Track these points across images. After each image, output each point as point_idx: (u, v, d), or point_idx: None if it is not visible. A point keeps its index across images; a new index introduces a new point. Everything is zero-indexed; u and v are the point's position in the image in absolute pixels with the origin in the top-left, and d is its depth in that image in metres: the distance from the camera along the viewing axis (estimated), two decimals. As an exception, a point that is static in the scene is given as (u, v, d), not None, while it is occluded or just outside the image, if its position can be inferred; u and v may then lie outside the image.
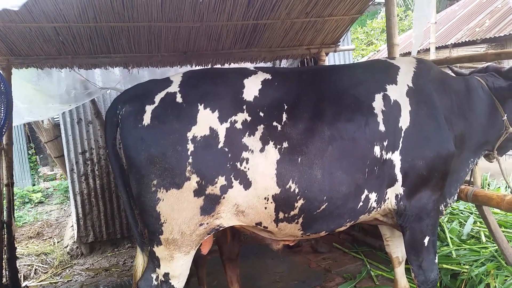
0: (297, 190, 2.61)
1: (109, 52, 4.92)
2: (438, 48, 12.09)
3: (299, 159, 2.60)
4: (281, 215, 2.68)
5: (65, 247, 6.72)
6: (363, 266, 4.68)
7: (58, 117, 6.73)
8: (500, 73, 3.49)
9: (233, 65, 5.80)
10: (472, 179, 3.78)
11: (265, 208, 2.64)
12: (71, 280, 5.61)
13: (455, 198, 3.41)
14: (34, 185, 13.04)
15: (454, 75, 3.67)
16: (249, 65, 5.86)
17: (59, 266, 6.15)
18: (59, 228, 8.38)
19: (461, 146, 3.19)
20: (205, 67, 5.61)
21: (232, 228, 3.39)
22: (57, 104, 5.63)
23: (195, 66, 5.52)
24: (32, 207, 10.60)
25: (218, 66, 5.72)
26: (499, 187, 5.28)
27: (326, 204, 2.69)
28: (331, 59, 7.65)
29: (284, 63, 6.59)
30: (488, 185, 5.40)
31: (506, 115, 3.34)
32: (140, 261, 2.91)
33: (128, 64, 5.17)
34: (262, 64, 6.13)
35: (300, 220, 2.72)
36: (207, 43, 5.23)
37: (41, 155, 15.62)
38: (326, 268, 4.86)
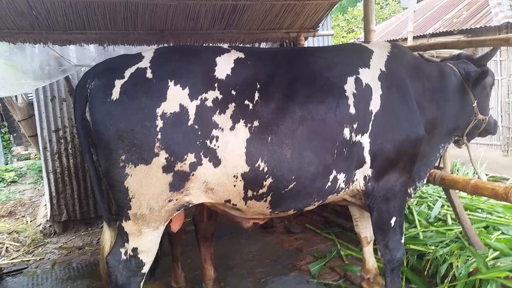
0: (266, 169, 2.64)
1: (84, 28, 4.82)
2: (416, 37, 12.27)
3: (269, 138, 2.62)
4: (250, 193, 2.71)
5: (38, 226, 6.64)
6: (333, 246, 4.78)
7: (31, 95, 6.58)
8: (471, 60, 3.58)
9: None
10: (442, 164, 3.89)
11: (234, 186, 2.67)
12: (43, 258, 5.56)
13: (424, 182, 3.50)
14: (7, 164, 12.77)
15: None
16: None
17: (32, 245, 6.09)
18: (32, 207, 8.25)
19: (432, 131, 3.27)
20: (183, 47, 5.56)
21: (207, 207, 3.45)
22: (30, 80, 5.51)
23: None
24: (4, 186, 10.40)
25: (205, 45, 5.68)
26: (467, 173, 5.45)
27: (295, 183, 2.73)
28: (310, 44, 7.66)
29: (263, 46, 6.59)
30: (457, 170, 5.57)
31: (476, 101, 3.43)
32: (108, 236, 2.91)
33: (104, 41, 5.07)
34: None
35: (269, 198, 2.76)
36: (185, 22, 5.17)
37: (15, 134, 15.30)
38: (298, 248, 4.96)
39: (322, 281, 4.04)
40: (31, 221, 7.19)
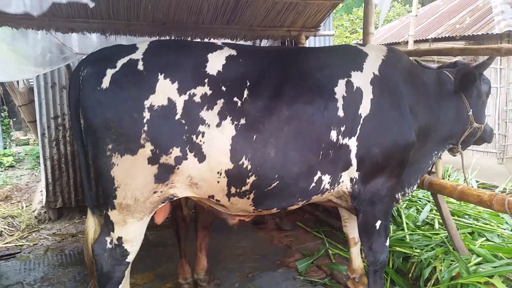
0: (249, 167, 2.67)
1: (87, 17, 4.85)
2: (418, 42, 12.29)
3: (254, 136, 2.65)
4: (233, 190, 2.74)
5: (33, 212, 6.70)
6: (322, 244, 4.86)
7: (32, 81, 6.62)
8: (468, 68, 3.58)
9: (213, 41, 5.81)
10: (433, 168, 3.93)
11: (218, 182, 2.70)
12: (37, 244, 5.63)
13: (414, 188, 3.49)
14: (5, 148, 12.82)
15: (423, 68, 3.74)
16: (227, 42, 5.89)
17: (26, 230, 6.15)
18: (28, 192, 8.31)
19: (425, 138, 3.27)
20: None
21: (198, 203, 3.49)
22: (32, 66, 5.54)
23: (175, 38, 5.50)
24: (2, 171, 10.45)
25: (198, 40, 5.72)
26: (458, 179, 5.51)
27: (277, 182, 2.75)
28: (311, 44, 7.70)
29: (265, 43, 6.62)
30: (449, 176, 5.63)
31: (471, 110, 3.40)
32: (91, 223, 2.95)
33: (106, 30, 5.11)
34: (242, 42, 6.16)
35: (252, 196, 2.79)
36: (187, 15, 5.21)
37: (15, 119, 15.35)
38: (287, 245, 5.03)
39: (309, 279, 4.11)
40: (26, 206, 7.25)
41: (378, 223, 3.10)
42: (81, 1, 2.13)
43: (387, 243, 3.21)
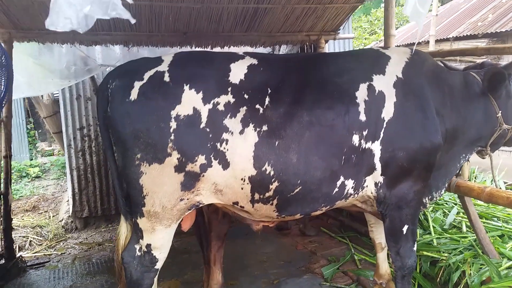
0: (272, 173, 2.70)
1: (110, 29, 4.98)
2: (439, 41, 12.12)
3: (277, 143, 2.68)
4: (256, 196, 2.77)
5: (60, 221, 6.86)
6: (347, 250, 4.82)
7: (57, 93, 6.79)
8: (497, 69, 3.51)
9: (232, 48, 5.87)
10: (460, 171, 3.86)
11: (242, 188, 2.74)
12: (64, 253, 5.75)
13: (442, 192, 3.42)
14: (31, 159, 13.14)
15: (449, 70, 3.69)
16: (248, 49, 5.94)
17: (54, 239, 6.29)
18: (55, 202, 8.50)
19: (453, 141, 3.22)
20: (205, 48, 5.67)
21: (222, 209, 3.49)
22: (57, 80, 5.71)
23: (195, 47, 5.58)
24: (29, 181, 10.72)
25: (218, 48, 5.78)
26: (485, 180, 5.40)
27: (300, 187, 2.77)
28: (331, 47, 7.69)
29: (284, 49, 6.65)
30: (475, 177, 5.52)
31: (500, 111, 3.32)
32: (124, 229, 3.01)
33: (129, 42, 5.23)
34: (261, 49, 6.20)
35: (275, 201, 2.82)
36: (207, 24, 5.29)
37: (40, 130, 15.69)
38: (312, 251, 5.01)
39: (335, 285, 4.08)
40: (53, 216, 7.42)
41: (405, 228, 3.07)
42: (122, 17, 2.19)
43: (415, 248, 3.17)
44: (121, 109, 2.65)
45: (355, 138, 2.82)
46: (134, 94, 2.62)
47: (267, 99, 2.73)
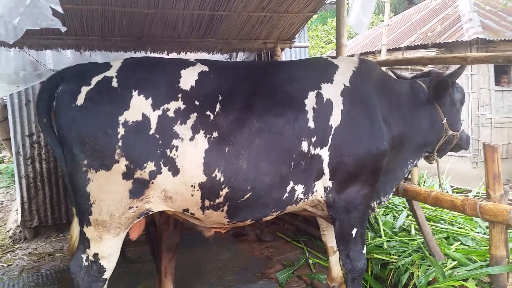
0: (222, 179, 2.70)
1: (61, 33, 4.82)
2: (391, 50, 12.56)
3: (227, 149, 2.70)
4: (207, 202, 2.77)
5: (8, 231, 6.54)
6: (302, 254, 4.88)
7: (6, 98, 6.51)
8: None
9: (189, 54, 5.83)
10: (409, 175, 4.01)
11: (192, 195, 2.73)
12: (11, 265, 5.49)
13: (390, 196, 3.56)
14: (-22, 167, 12.49)
15: (396, 78, 3.83)
16: (205, 55, 5.93)
17: (0, 251, 6.00)
18: (3, 212, 8.12)
19: (400, 147, 3.34)
20: (161, 54, 5.62)
21: (173, 217, 3.44)
22: (4, 84, 5.47)
23: (150, 53, 5.51)
24: (-25, 190, 10.19)
25: (174, 54, 5.73)
26: (433, 185, 5.62)
27: (250, 193, 2.79)
28: (287, 55, 7.80)
29: (241, 56, 6.69)
30: (424, 182, 5.74)
31: (446, 118, 3.47)
32: (77, 233, 2.91)
33: (81, 47, 5.11)
34: (218, 55, 6.21)
35: (225, 208, 2.82)
36: (162, 30, 5.25)
37: (-12, 137, 14.96)
38: (268, 256, 5.03)
39: (289, 289, 4.13)
40: (0, 226, 7.08)
41: (354, 231, 3.15)
42: (53, 27, 2.16)
43: (364, 251, 3.27)
44: (68, 114, 2.59)
45: (304, 145, 2.88)
46: (80, 99, 2.57)
47: (218, 106, 2.74)
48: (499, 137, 11.46)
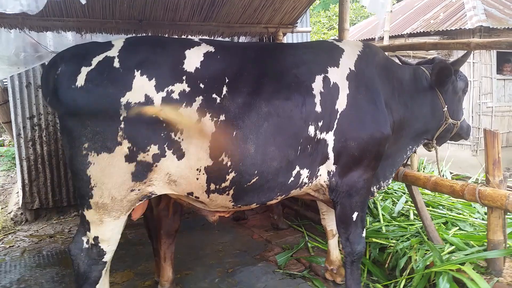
0: (229, 163, 2.67)
1: (62, 15, 4.81)
2: (394, 37, 12.51)
3: (234, 133, 2.65)
4: (212, 186, 2.75)
5: (9, 213, 6.58)
6: (302, 238, 4.92)
7: (6, 81, 6.48)
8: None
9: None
10: (408, 161, 4.03)
11: (197, 179, 2.70)
12: (13, 246, 5.53)
13: (389, 181, 3.58)
14: (-21, 150, 12.51)
15: (401, 64, 3.82)
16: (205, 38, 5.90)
17: (2, 232, 6.03)
18: (4, 194, 8.14)
19: (400, 132, 3.34)
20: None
21: (173, 202, 3.44)
22: (5, 66, 5.43)
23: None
24: (-24, 172, 10.22)
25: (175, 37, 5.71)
26: (433, 171, 5.65)
27: (257, 177, 2.77)
28: (289, 40, 7.73)
29: (243, 40, 6.65)
30: (424, 168, 5.76)
31: (446, 106, 3.48)
32: None
33: (81, 29, 5.07)
34: (220, 39, 6.17)
35: (231, 192, 2.81)
36: (163, 13, 5.21)
37: (-12, 120, 14.95)
38: (267, 239, 5.07)
39: (288, 272, 4.16)
40: (2, 208, 7.11)
41: (355, 215, 3.17)
42: None
43: (364, 234, 3.29)
44: (67, 96, 2.51)
45: (311, 129, 2.87)
46: (81, 80, 2.50)
47: (225, 88, 2.68)
48: (500, 126, 11.49)
